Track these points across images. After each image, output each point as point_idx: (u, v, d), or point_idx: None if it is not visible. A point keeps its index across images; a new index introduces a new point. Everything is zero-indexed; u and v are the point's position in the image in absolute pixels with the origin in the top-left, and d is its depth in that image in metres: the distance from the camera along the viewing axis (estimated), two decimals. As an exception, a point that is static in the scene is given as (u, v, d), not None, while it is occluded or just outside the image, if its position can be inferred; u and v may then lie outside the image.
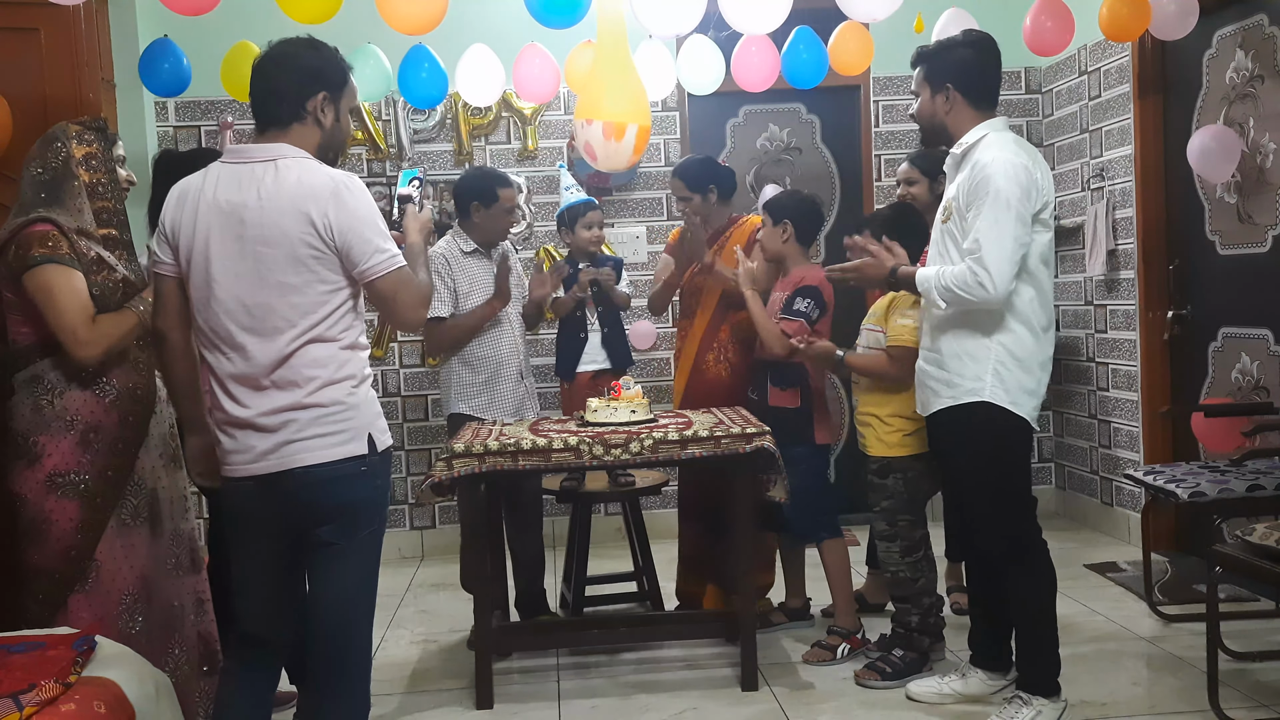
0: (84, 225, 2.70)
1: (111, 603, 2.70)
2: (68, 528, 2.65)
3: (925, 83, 3.09)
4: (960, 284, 2.87)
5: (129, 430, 2.75)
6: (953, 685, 3.26)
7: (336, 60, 2.44)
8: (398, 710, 3.41)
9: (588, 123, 3.73)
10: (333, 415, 2.32)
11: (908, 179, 3.97)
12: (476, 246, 3.94)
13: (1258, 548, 2.93)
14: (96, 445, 2.69)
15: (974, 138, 3.00)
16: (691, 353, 4.03)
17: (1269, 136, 4.10)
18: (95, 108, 3.48)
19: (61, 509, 2.65)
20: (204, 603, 2.96)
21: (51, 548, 2.64)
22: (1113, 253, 4.98)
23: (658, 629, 3.88)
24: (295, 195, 2.28)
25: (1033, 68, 5.59)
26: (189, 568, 2.92)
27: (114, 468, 2.72)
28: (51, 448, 2.66)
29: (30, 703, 2.01)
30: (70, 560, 2.66)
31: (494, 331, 3.92)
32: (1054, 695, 3.01)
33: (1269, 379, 4.16)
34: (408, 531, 5.44)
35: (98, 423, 2.70)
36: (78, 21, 3.46)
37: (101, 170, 2.78)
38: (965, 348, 2.97)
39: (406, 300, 2.40)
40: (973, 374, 2.95)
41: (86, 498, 2.67)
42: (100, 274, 2.68)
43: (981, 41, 3.11)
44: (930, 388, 3.06)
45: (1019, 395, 2.94)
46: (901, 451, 3.41)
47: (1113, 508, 5.16)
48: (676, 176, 4.04)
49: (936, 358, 3.04)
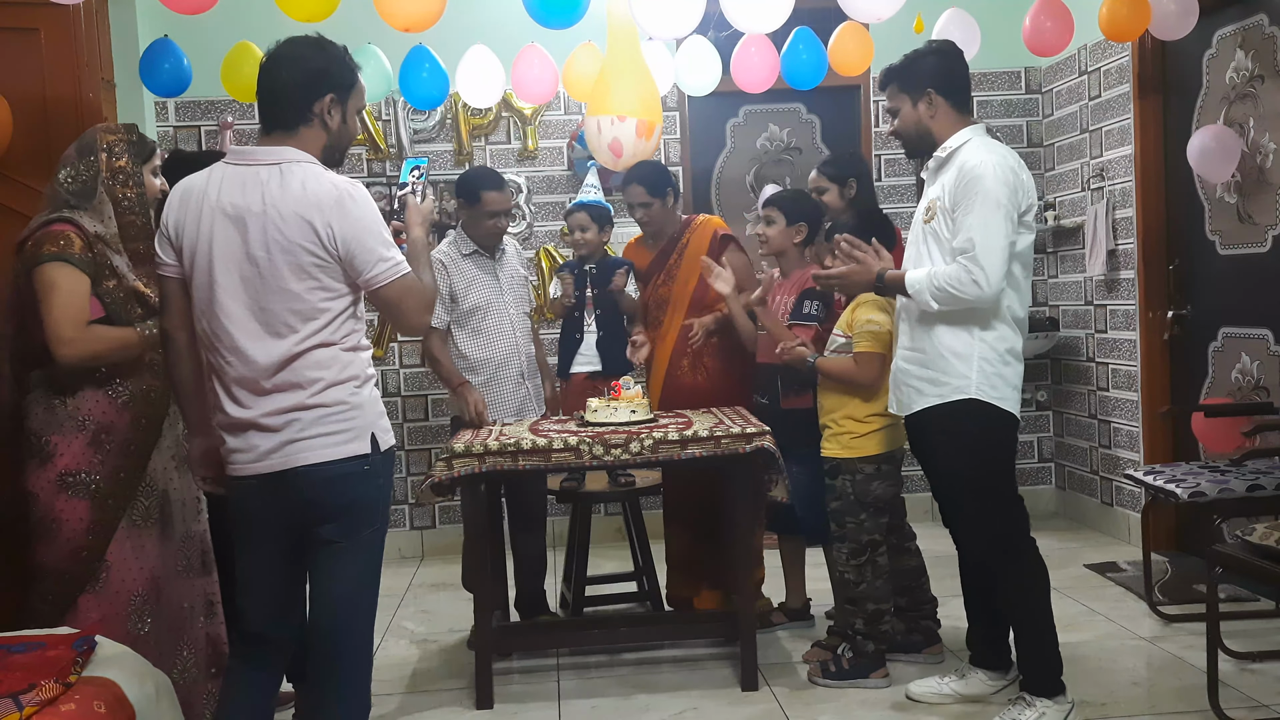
0: (106, 233, 2.71)
1: (120, 603, 2.70)
2: (78, 528, 2.65)
3: (903, 95, 3.10)
4: (955, 283, 2.88)
5: (141, 432, 2.76)
6: (952, 685, 3.26)
7: (344, 60, 2.43)
8: (398, 710, 3.41)
9: (620, 119, 3.71)
10: (336, 415, 2.32)
11: (817, 187, 3.88)
12: (476, 248, 3.94)
13: (1258, 548, 2.93)
14: (108, 446, 2.70)
15: (958, 141, 3.02)
16: (665, 360, 3.99)
17: (1269, 136, 4.10)
18: (95, 107, 3.48)
19: (71, 508, 2.65)
20: (214, 605, 2.96)
21: (61, 547, 2.65)
22: (1113, 253, 4.99)
23: (658, 629, 3.88)
24: (299, 203, 2.27)
25: (1033, 68, 5.60)
26: (199, 569, 2.93)
27: (126, 469, 2.72)
28: (64, 447, 2.67)
29: (30, 703, 2.02)
30: (80, 560, 2.66)
31: (495, 333, 3.91)
32: (1058, 695, 3.00)
33: (1269, 379, 4.16)
34: (408, 531, 5.44)
35: (110, 423, 2.71)
36: (78, 21, 3.46)
37: (130, 185, 2.77)
38: (950, 345, 2.97)
39: (411, 307, 2.41)
40: (959, 371, 2.96)
41: (97, 498, 2.68)
42: (110, 282, 2.68)
43: (946, 47, 3.15)
44: (913, 387, 3.06)
45: (1004, 390, 2.97)
46: (850, 453, 3.40)
47: (1113, 508, 5.16)
48: (636, 183, 3.96)
49: (920, 357, 3.04)
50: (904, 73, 3.10)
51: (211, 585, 2.97)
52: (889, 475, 3.41)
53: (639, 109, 3.71)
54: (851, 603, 3.47)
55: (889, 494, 3.42)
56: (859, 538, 3.40)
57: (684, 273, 3.97)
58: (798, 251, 3.77)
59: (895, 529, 3.56)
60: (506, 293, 3.97)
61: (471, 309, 3.88)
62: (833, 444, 3.44)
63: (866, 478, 3.39)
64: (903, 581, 3.58)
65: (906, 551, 3.60)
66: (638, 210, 3.99)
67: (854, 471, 3.40)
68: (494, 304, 3.93)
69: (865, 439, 3.39)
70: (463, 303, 3.87)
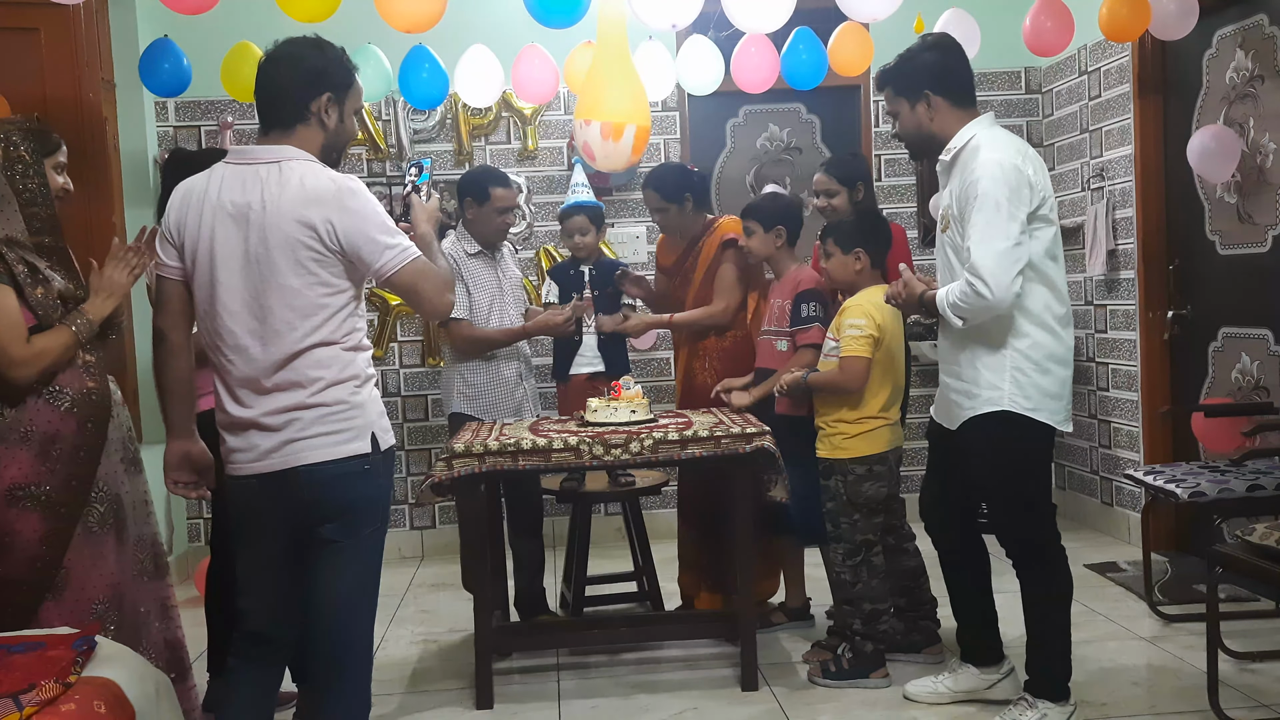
0: (13, 235, 2.60)
1: (83, 610, 2.64)
2: (31, 538, 2.57)
3: (900, 98, 3.03)
4: (962, 299, 2.83)
5: (89, 436, 2.66)
6: (945, 683, 3.26)
7: (342, 61, 2.43)
8: (398, 710, 3.41)
9: (586, 123, 3.72)
10: (337, 414, 2.32)
11: (827, 190, 3.81)
12: (480, 248, 3.95)
13: (1258, 548, 2.93)
14: (57, 455, 2.61)
15: (961, 140, 2.93)
16: (682, 361, 4.07)
17: (1269, 136, 4.10)
18: (95, 107, 3.48)
19: (24, 520, 2.57)
20: (169, 609, 2.89)
21: (16, 558, 2.57)
22: (1113, 253, 4.98)
23: (658, 629, 3.88)
24: (298, 199, 2.28)
25: (1033, 68, 5.60)
26: (153, 573, 2.86)
27: (77, 476, 2.64)
28: (8, 460, 2.57)
29: (30, 703, 2.01)
30: (37, 570, 2.59)
31: None
32: (1062, 700, 2.98)
33: (1269, 379, 4.16)
34: (408, 531, 5.44)
35: (55, 431, 2.61)
36: (78, 21, 3.47)
37: (31, 176, 2.66)
38: (980, 357, 2.91)
39: (428, 289, 2.41)
40: (989, 383, 2.89)
41: (49, 508, 2.59)
42: (37, 289, 2.59)
43: (943, 41, 3.06)
44: (954, 400, 3.01)
45: (1040, 400, 2.89)
46: (841, 454, 3.40)
47: (1113, 508, 5.16)
48: (650, 188, 3.95)
49: (955, 369, 3.00)
50: (899, 75, 3.03)
51: (165, 589, 2.90)
52: (881, 476, 3.41)
53: (604, 112, 3.69)
54: (849, 603, 3.47)
55: (881, 494, 3.42)
56: (853, 538, 3.41)
57: (696, 274, 3.98)
58: (783, 253, 3.78)
59: (894, 529, 3.56)
60: (507, 293, 3.98)
61: (477, 307, 3.90)
62: (824, 445, 3.45)
63: (858, 478, 3.39)
64: (902, 582, 3.58)
65: (905, 552, 3.60)
66: (655, 214, 4.01)
67: (845, 472, 3.40)
68: (495, 304, 3.94)
69: (856, 440, 3.39)
70: (472, 304, 3.89)
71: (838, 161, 3.97)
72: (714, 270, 3.92)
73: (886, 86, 3.08)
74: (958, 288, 2.85)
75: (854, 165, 3.93)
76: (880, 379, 3.38)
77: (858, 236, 3.42)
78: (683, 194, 3.94)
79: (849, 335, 3.35)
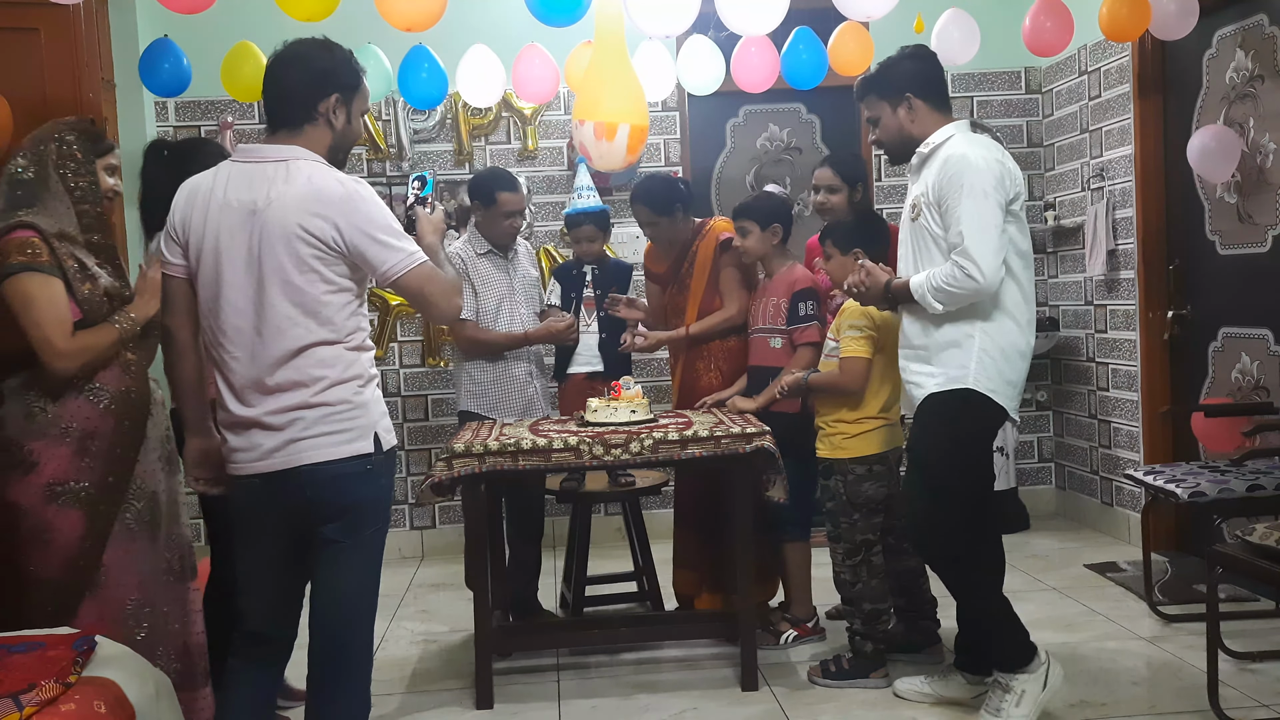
0: (66, 229, 2.65)
1: (115, 608, 2.67)
2: (72, 537, 2.61)
3: (882, 103, 3.11)
4: (950, 280, 2.88)
5: (126, 435, 2.71)
6: (933, 686, 3.27)
7: (349, 62, 2.45)
8: (398, 710, 3.41)
9: (581, 123, 3.72)
10: (339, 414, 2.33)
11: (830, 186, 3.76)
12: (490, 248, 3.96)
13: (1258, 548, 2.93)
14: (95, 452, 2.65)
15: (941, 137, 3.02)
16: (683, 360, 4.04)
17: (1269, 136, 4.10)
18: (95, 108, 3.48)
19: (64, 518, 2.61)
20: (190, 613, 2.88)
21: (56, 557, 2.61)
22: (1113, 253, 4.98)
23: (658, 629, 3.88)
24: (305, 198, 2.28)
25: (1033, 68, 5.59)
26: (179, 574, 2.86)
27: (115, 473, 2.68)
28: (48, 456, 2.61)
29: (30, 703, 2.02)
30: (78, 569, 2.63)
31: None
32: (1029, 663, 2.99)
33: (1269, 379, 4.16)
34: (408, 531, 5.44)
35: (94, 429, 2.65)
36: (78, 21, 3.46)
37: (83, 174, 2.71)
38: (950, 337, 2.97)
39: (435, 292, 2.41)
40: (957, 362, 2.96)
41: (89, 506, 2.63)
42: (85, 285, 2.63)
43: (920, 51, 3.17)
44: (914, 383, 3.06)
45: (1000, 385, 2.97)
46: (841, 454, 3.41)
47: (1113, 508, 5.16)
48: (640, 203, 3.93)
49: (922, 354, 3.04)
50: (880, 80, 3.12)
51: (190, 592, 2.89)
52: (880, 476, 3.41)
53: (598, 112, 3.68)
54: (849, 603, 3.48)
55: (881, 494, 3.43)
56: (853, 538, 3.41)
57: (695, 280, 3.97)
58: (778, 251, 3.78)
59: (893, 529, 3.56)
60: (518, 293, 4.00)
61: (484, 308, 3.91)
62: (824, 445, 3.46)
63: (857, 478, 3.40)
64: (902, 582, 3.58)
65: (905, 552, 3.60)
66: (645, 228, 4.00)
67: (845, 472, 3.41)
68: (505, 303, 3.95)
69: (855, 440, 3.39)
70: (480, 303, 3.90)
71: (842, 159, 3.94)
72: (715, 275, 3.92)
73: (869, 93, 3.15)
74: (943, 272, 2.90)
75: (858, 165, 3.93)
76: (880, 379, 3.39)
77: (857, 237, 3.42)
78: (673, 206, 3.92)
79: (849, 336, 3.36)
